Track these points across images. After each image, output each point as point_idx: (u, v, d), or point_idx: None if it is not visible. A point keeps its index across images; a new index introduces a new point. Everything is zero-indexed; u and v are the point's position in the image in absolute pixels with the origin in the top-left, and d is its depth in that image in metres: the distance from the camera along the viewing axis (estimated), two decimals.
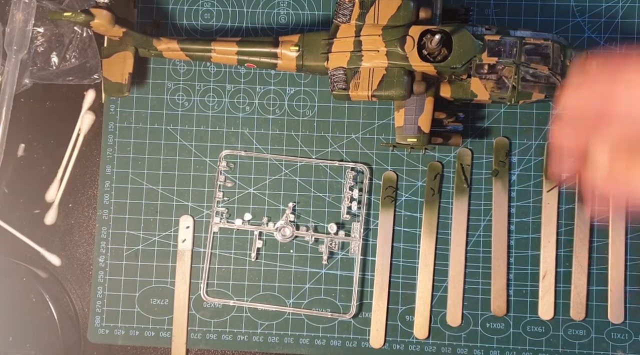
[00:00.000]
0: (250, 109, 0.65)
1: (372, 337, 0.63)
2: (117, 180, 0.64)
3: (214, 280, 0.64)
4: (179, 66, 0.65)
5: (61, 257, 0.65)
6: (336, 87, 0.58)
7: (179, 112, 0.65)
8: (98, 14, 0.58)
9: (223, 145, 0.64)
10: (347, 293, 0.63)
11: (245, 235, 0.64)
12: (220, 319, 0.63)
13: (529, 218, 0.63)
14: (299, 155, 0.64)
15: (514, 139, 0.63)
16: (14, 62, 0.63)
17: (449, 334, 0.63)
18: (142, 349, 0.64)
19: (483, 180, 0.63)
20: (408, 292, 0.63)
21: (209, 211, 0.64)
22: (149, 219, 0.64)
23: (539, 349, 0.62)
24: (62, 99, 0.66)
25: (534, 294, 0.62)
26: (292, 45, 0.59)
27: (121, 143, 0.65)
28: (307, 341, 0.63)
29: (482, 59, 0.56)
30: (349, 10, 0.59)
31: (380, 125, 0.64)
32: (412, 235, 0.63)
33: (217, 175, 0.64)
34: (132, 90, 0.65)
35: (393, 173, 0.64)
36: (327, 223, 0.63)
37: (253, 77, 0.65)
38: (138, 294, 0.64)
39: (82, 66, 0.64)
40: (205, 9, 0.65)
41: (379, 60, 0.57)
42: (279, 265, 0.63)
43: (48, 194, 0.65)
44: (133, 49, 0.61)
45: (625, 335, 0.62)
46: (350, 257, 0.63)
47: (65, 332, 0.63)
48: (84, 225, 0.65)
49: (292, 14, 0.65)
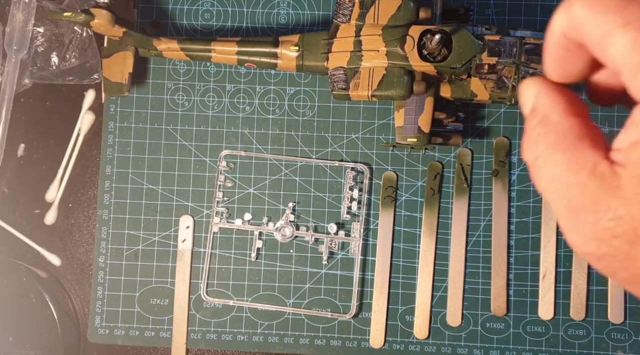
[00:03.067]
0: (250, 109, 0.65)
1: (372, 337, 0.63)
2: (117, 180, 0.64)
3: (214, 280, 0.64)
4: (179, 66, 0.65)
5: (61, 257, 0.65)
6: (336, 87, 0.58)
7: (179, 112, 0.65)
8: (98, 14, 0.58)
9: (223, 145, 0.64)
10: (347, 293, 0.63)
11: (245, 235, 0.64)
12: (220, 319, 0.63)
13: (529, 218, 0.63)
14: (299, 155, 0.64)
15: (514, 139, 0.63)
16: (14, 62, 0.63)
17: (449, 334, 0.63)
18: (142, 349, 0.64)
19: (483, 180, 0.63)
20: (408, 292, 0.63)
21: (209, 211, 0.64)
22: (149, 219, 0.64)
23: (539, 349, 0.62)
24: (62, 99, 0.66)
25: (534, 294, 0.62)
26: (292, 45, 0.59)
27: (121, 143, 0.65)
28: (307, 341, 0.63)
29: (482, 59, 0.56)
30: (349, 10, 0.59)
31: (380, 125, 0.64)
32: (412, 235, 0.63)
33: (217, 175, 0.64)
34: (132, 90, 0.65)
35: (393, 173, 0.64)
36: (327, 223, 0.63)
37: (253, 77, 0.65)
38: (138, 294, 0.64)
39: (82, 66, 0.64)
40: (205, 9, 0.65)
41: (379, 60, 0.57)
42: (279, 265, 0.63)
43: (48, 194, 0.65)
44: (133, 49, 0.61)
45: (625, 335, 0.62)
46: (350, 257, 0.63)
47: (65, 332, 0.63)
48: (84, 225, 0.65)
49: (292, 14, 0.65)
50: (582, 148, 0.27)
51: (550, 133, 0.28)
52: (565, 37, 0.28)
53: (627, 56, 0.25)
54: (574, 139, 0.27)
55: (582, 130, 0.27)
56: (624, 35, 0.25)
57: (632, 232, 0.25)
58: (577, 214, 0.26)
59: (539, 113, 0.29)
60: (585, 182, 0.26)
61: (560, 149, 0.27)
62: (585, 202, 0.26)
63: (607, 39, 0.26)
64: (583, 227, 0.26)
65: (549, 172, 0.27)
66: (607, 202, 0.25)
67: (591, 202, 0.26)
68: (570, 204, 0.26)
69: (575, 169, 0.26)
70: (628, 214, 0.25)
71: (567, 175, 0.27)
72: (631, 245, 0.25)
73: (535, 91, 0.29)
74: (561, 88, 0.29)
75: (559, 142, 0.27)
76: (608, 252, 0.26)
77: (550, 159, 0.27)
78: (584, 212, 0.26)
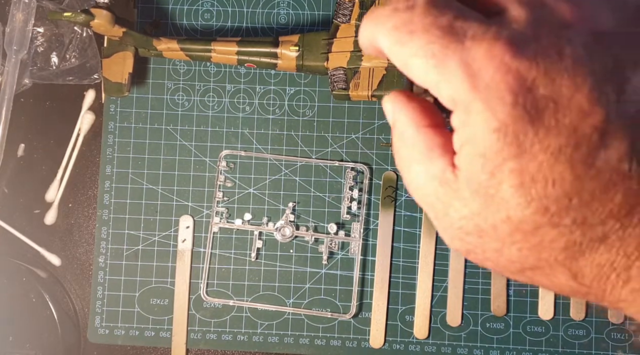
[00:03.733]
0: (250, 109, 0.65)
1: (372, 337, 0.63)
2: (117, 180, 0.64)
3: (214, 280, 0.64)
4: (179, 66, 0.65)
5: (61, 257, 0.65)
6: (336, 87, 0.58)
7: (179, 112, 0.65)
8: (98, 14, 0.58)
9: (223, 145, 0.64)
10: (347, 293, 0.63)
11: (245, 235, 0.64)
12: (220, 319, 0.63)
13: None
14: (299, 155, 0.64)
15: None
16: (14, 62, 0.63)
17: (449, 334, 0.63)
18: (142, 349, 0.64)
19: None
20: (408, 292, 0.63)
21: (209, 211, 0.64)
22: (149, 219, 0.64)
23: (539, 349, 0.62)
24: (62, 99, 0.66)
25: (534, 294, 0.62)
26: (292, 45, 0.59)
27: (121, 143, 0.65)
28: (307, 341, 0.63)
29: None
30: (349, 10, 0.59)
31: (380, 125, 0.64)
32: (412, 235, 0.63)
33: (217, 175, 0.64)
34: (132, 90, 0.65)
35: (393, 173, 0.64)
36: (327, 223, 0.63)
37: (253, 77, 0.65)
38: (138, 294, 0.64)
39: (82, 66, 0.64)
40: (205, 9, 0.65)
41: (379, 60, 0.57)
42: (279, 265, 0.63)
43: (48, 194, 0.65)
44: (133, 49, 0.61)
45: (625, 335, 0.62)
46: (350, 257, 0.63)
47: (65, 332, 0.63)
48: (84, 225, 0.65)
49: (292, 14, 0.65)
50: (432, 158, 0.29)
51: (406, 146, 0.30)
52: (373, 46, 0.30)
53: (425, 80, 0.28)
54: (425, 150, 0.29)
55: (433, 140, 0.29)
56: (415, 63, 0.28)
57: (477, 227, 0.28)
58: (438, 218, 0.29)
59: (396, 127, 0.31)
60: (437, 190, 0.29)
61: (415, 161, 0.29)
62: (440, 207, 0.29)
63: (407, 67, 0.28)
64: (445, 228, 0.29)
65: (412, 182, 0.30)
66: (454, 204, 0.28)
67: (444, 206, 0.29)
68: (432, 210, 0.29)
69: (429, 178, 0.29)
70: (469, 212, 0.28)
71: (425, 186, 0.29)
72: (480, 238, 0.28)
73: (391, 107, 0.31)
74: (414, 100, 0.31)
75: (413, 154, 0.30)
76: (468, 247, 0.29)
77: (409, 170, 0.30)
78: (442, 216, 0.29)
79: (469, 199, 0.27)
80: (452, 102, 0.27)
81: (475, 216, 0.27)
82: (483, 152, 0.26)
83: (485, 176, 0.26)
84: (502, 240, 0.27)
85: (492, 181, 0.26)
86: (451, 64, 0.27)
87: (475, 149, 0.27)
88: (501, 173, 0.26)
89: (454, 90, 0.27)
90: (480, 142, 0.26)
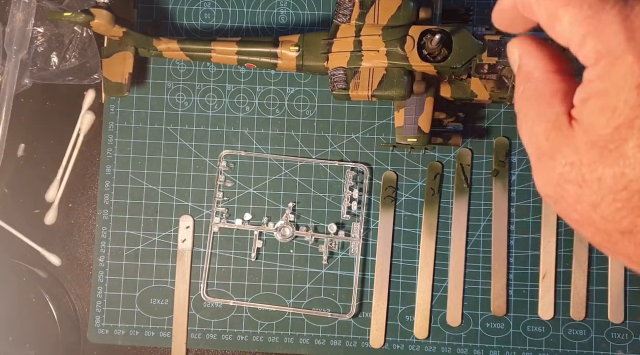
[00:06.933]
0: (250, 109, 0.65)
1: (372, 337, 0.63)
2: (117, 180, 0.64)
3: (214, 280, 0.64)
4: (179, 66, 0.65)
5: (61, 257, 0.65)
6: (336, 87, 0.58)
7: (179, 112, 0.65)
8: (98, 14, 0.58)
9: (223, 145, 0.64)
10: (347, 293, 0.63)
11: (245, 235, 0.64)
12: (220, 319, 0.63)
13: (529, 218, 0.63)
14: (299, 155, 0.64)
15: (514, 139, 0.63)
16: (14, 62, 0.63)
17: (449, 334, 0.63)
18: (142, 349, 0.64)
19: (483, 180, 0.63)
20: (408, 292, 0.63)
21: (209, 211, 0.64)
22: (149, 219, 0.64)
23: (539, 349, 0.62)
24: (62, 99, 0.66)
25: (534, 294, 0.62)
26: (292, 45, 0.59)
27: (121, 143, 0.65)
28: (307, 341, 0.63)
29: (482, 59, 0.56)
30: (349, 10, 0.59)
31: (380, 125, 0.64)
32: (412, 235, 0.63)
33: (217, 175, 0.64)
34: (132, 90, 0.65)
35: (393, 173, 0.64)
36: (327, 223, 0.63)
37: (253, 77, 0.65)
38: (138, 294, 0.64)
39: (82, 66, 0.64)
40: (205, 9, 0.65)
41: (379, 60, 0.57)
42: (279, 265, 0.63)
43: (48, 194, 0.65)
44: (133, 49, 0.61)
45: (625, 335, 0.62)
46: (350, 257, 0.63)
47: (65, 332, 0.63)
48: (84, 225, 0.65)
49: (292, 14, 0.65)
50: (553, 102, 0.30)
51: (531, 88, 0.31)
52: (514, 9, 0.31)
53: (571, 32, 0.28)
54: (548, 94, 0.30)
55: (558, 85, 0.30)
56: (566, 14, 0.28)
57: (581, 177, 0.28)
58: (541, 160, 0.30)
59: (523, 70, 0.32)
60: (549, 132, 0.29)
61: (536, 102, 0.30)
62: (547, 150, 0.29)
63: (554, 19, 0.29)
64: (544, 171, 0.30)
65: (527, 122, 0.31)
66: (563, 150, 0.29)
67: (551, 150, 0.29)
68: (536, 151, 0.30)
69: (544, 120, 0.30)
70: (578, 160, 0.28)
71: (537, 125, 0.30)
72: (580, 189, 0.28)
73: (519, 51, 0.32)
74: (543, 46, 0.32)
75: (536, 96, 0.31)
76: (563, 195, 0.29)
77: (528, 111, 0.31)
78: (545, 158, 0.29)
79: (581, 148, 0.27)
80: (597, 54, 0.27)
81: (583, 166, 0.28)
82: (615, 106, 0.26)
83: (608, 130, 0.27)
84: (604, 195, 0.27)
85: (615, 136, 0.26)
86: (607, 16, 0.27)
87: (606, 101, 0.27)
88: (629, 130, 0.26)
89: (605, 43, 0.27)
90: (615, 96, 0.26)
